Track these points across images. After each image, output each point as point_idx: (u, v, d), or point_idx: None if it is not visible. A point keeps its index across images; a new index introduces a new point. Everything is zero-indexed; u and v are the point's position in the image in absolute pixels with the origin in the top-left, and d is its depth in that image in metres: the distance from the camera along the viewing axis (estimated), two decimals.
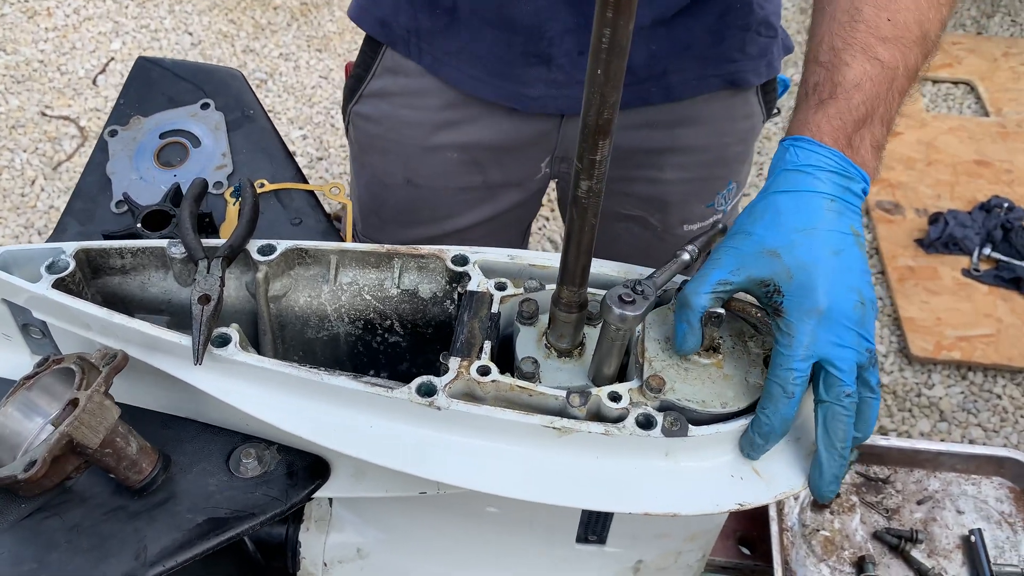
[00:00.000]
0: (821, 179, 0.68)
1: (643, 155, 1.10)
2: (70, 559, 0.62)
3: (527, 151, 1.11)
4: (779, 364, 0.63)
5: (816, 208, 0.66)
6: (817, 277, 0.64)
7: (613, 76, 0.52)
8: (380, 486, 0.73)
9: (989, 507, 1.07)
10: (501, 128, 1.08)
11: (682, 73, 1.02)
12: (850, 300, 0.64)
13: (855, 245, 0.66)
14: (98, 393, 0.64)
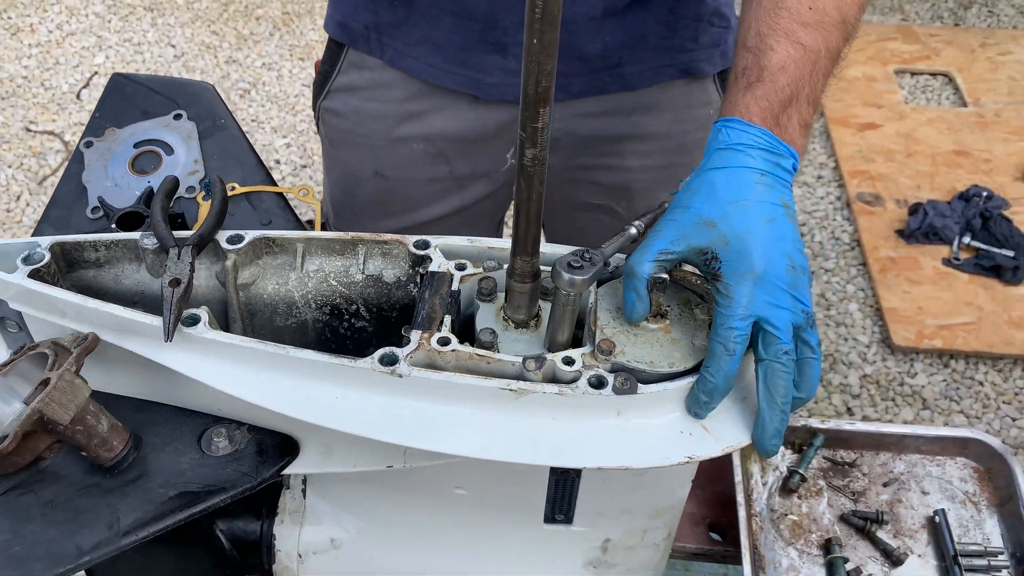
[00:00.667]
0: (752, 156, 0.72)
1: (604, 142, 1.14)
2: (45, 531, 0.64)
3: (491, 142, 1.15)
4: (720, 324, 0.67)
5: (748, 182, 0.71)
6: (751, 244, 0.68)
7: (548, 45, 0.55)
8: (348, 461, 0.75)
9: (953, 487, 1.09)
10: (464, 118, 1.11)
11: (637, 64, 1.07)
12: (782, 264, 0.68)
13: (786, 216, 0.70)
14: (69, 372, 0.66)
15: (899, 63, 3.20)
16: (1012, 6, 3.52)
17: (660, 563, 0.94)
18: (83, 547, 0.63)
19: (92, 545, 0.64)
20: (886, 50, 3.26)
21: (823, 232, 2.63)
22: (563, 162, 1.15)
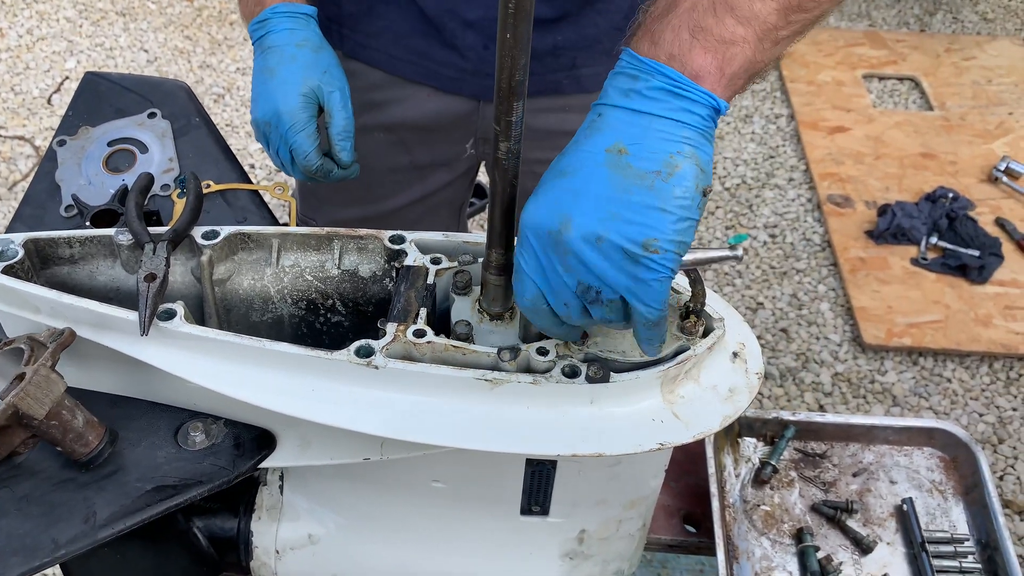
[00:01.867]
0: (605, 91, 0.65)
1: (561, 136, 1.16)
2: (20, 525, 0.64)
3: (451, 132, 1.17)
4: None
5: (584, 127, 0.65)
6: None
7: (521, 39, 0.57)
8: (325, 454, 0.76)
9: (921, 476, 1.12)
10: (424, 108, 1.13)
11: (592, 67, 1.09)
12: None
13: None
14: (44, 367, 0.66)
15: (867, 68, 3.26)
16: (976, 12, 3.60)
17: (635, 553, 0.95)
18: (59, 540, 0.63)
19: (68, 539, 0.64)
20: (854, 55, 3.32)
21: (795, 233, 2.67)
22: (522, 155, 1.17)
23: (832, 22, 3.57)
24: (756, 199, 2.79)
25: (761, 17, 0.63)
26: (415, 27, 1.07)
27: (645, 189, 0.58)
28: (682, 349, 0.71)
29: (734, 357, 0.75)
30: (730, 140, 3.01)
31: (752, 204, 2.77)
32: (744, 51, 0.62)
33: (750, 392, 0.73)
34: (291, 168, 0.96)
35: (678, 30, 0.62)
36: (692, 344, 0.71)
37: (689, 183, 0.59)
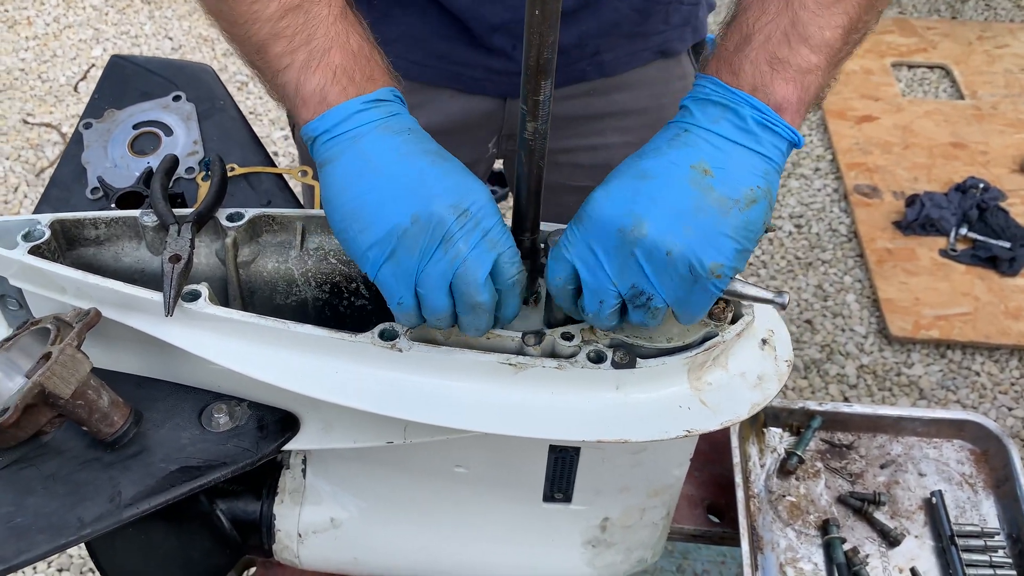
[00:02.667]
0: (683, 111, 0.70)
1: (584, 122, 1.15)
2: (47, 503, 0.64)
3: (475, 132, 1.15)
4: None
5: (662, 141, 0.69)
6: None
7: (550, 15, 0.56)
8: (348, 437, 0.76)
9: (950, 469, 1.10)
10: (448, 111, 1.11)
11: (613, 51, 1.07)
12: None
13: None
14: (70, 346, 0.67)
15: (896, 56, 3.21)
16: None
17: (659, 542, 0.95)
18: (84, 519, 0.63)
19: (94, 517, 0.64)
20: (883, 43, 3.26)
21: (820, 224, 2.64)
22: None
23: None
24: (781, 189, 2.76)
25: (831, 43, 0.65)
26: (435, 30, 1.05)
27: (722, 215, 0.60)
28: (710, 335, 0.70)
29: (763, 344, 0.74)
30: None
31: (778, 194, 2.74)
32: (817, 79, 0.66)
33: (779, 379, 0.72)
34: (481, 288, 0.63)
35: (757, 63, 0.64)
36: (720, 330, 0.70)
37: (761, 218, 0.62)
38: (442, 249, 0.61)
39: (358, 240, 0.63)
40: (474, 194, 0.63)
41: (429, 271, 0.62)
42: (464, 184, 0.63)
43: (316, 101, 0.65)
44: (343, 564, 0.93)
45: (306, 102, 0.65)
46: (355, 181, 0.63)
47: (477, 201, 0.63)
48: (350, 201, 0.63)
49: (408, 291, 0.63)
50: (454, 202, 0.62)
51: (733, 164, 0.62)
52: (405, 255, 0.62)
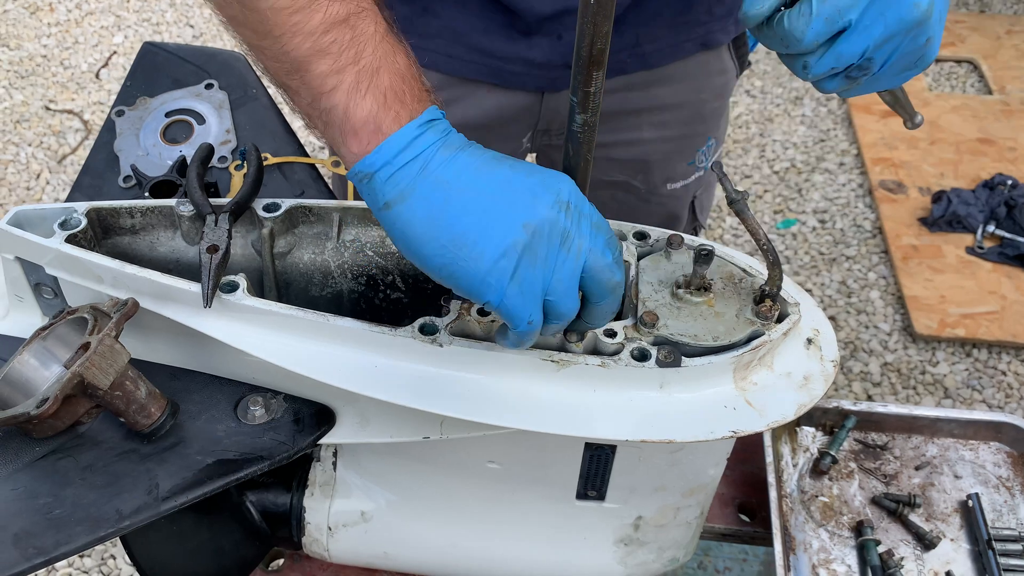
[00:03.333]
0: None
1: (622, 116, 1.13)
2: (85, 494, 0.64)
3: (509, 127, 1.14)
4: (795, 18, 0.60)
5: None
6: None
7: (605, 5, 0.54)
8: (384, 431, 0.75)
9: (987, 472, 1.08)
10: (484, 106, 1.10)
11: (655, 43, 1.05)
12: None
13: None
14: (109, 337, 0.66)
15: None
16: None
17: (691, 542, 0.93)
18: (123, 511, 0.63)
19: (132, 510, 0.63)
20: None
21: (845, 219, 2.61)
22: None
23: None
24: (805, 183, 2.73)
25: None
26: (476, 23, 1.04)
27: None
28: (756, 334, 0.69)
29: (808, 344, 0.73)
30: (779, 123, 2.94)
31: (801, 188, 2.71)
32: None
33: (825, 380, 0.70)
34: (615, 269, 0.62)
35: None
36: (767, 329, 0.69)
37: None
38: (565, 249, 0.59)
39: (471, 270, 0.57)
40: (561, 182, 0.60)
41: (560, 275, 0.59)
42: (548, 177, 0.60)
43: (370, 131, 0.57)
44: (373, 558, 0.93)
45: (357, 132, 0.58)
46: (443, 210, 0.57)
47: (566, 189, 0.60)
48: (445, 232, 0.57)
49: (537, 307, 0.59)
50: (554, 199, 0.59)
51: None
52: (528, 269, 0.58)
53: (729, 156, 2.83)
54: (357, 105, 0.57)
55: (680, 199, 1.27)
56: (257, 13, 0.57)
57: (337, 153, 0.60)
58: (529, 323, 0.59)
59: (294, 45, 0.57)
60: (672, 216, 1.29)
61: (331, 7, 0.57)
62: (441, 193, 0.57)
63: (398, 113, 0.58)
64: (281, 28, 0.57)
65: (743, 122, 2.95)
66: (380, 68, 0.58)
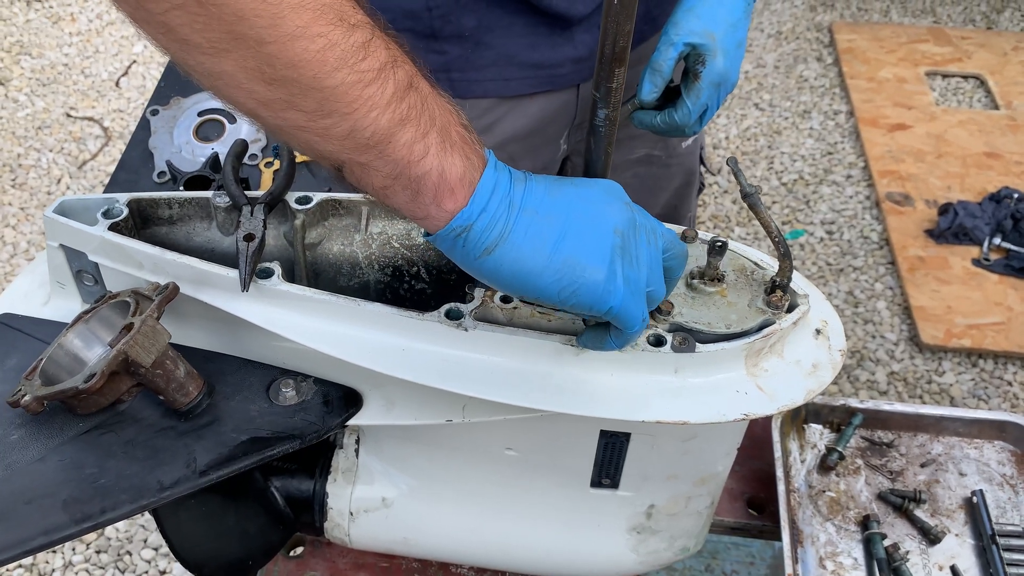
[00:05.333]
0: None
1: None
2: (127, 466, 0.67)
3: (550, 129, 1.17)
4: (683, 114, 0.93)
5: (740, 6, 0.95)
6: (729, 62, 0.93)
7: (627, 5, 0.58)
8: (410, 414, 0.78)
9: (991, 469, 1.11)
10: (529, 113, 1.13)
11: (661, 6, 1.10)
12: (736, 76, 0.95)
13: (744, 42, 0.97)
14: (151, 318, 0.69)
15: (930, 65, 3.20)
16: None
17: (702, 532, 0.96)
18: (164, 482, 0.66)
19: (172, 481, 0.66)
20: (917, 52, 3.26)
21: (852, 231, 2.64)
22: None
23: (895, 18, 3.51)
24: (813, 195, 2.76)
25: None
26: (523, 43, 1.07)
27: None
28: (767, 323, 0.72)
29: (817, 334, 0.76)
30: (787, 135, 2.98)
31: (809, 200, 2.74)
32: None
33: (833, 368, 0.73)
34: (682, 243, 0.68)
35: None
36: (777, 318, 0.72)
37: None
38: (647, 242, 0.63)
39: (589, 285, 0.59)
40: (612, 184, 0.64)
41: (654, 266, 0.63)
42: (604, 184, 0.64)
43: (466, 186, 0.57)
44: (393, 543, 0.95)
45: (454, 190, 0.57)
46: (545, 239, 0.58)
47: (617, 186, 0.64)
48: (555, 259, 0.58)
49: (644, 303, 0.62)
50: (621, 201, 0.62)
51: None
52: (631, 270, 0.61)
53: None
54: (451, 164, 0.57)
55: (693, 154, 1.32)
56: (319, 92, 0.51)
57: (421, 216, 0.59)
58: (643, 320, 0.62)
59: (371, 119, 0.53)
60: (690, 172, 1.33)
61: (397, 74, 0.54)
62: (536, 223, 0.59)
63: (477, 162, 0.59)
64: (352, 104, 0.52)
65: (752, 134, 2.99)
66: (449, 124, 0.58)
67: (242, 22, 0.48)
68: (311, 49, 0.50)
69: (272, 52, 0.49)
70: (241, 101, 0.54)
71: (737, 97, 3.14)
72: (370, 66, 0.52)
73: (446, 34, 1.06)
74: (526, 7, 1.04)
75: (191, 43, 0.50)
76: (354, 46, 0.51)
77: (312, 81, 0.51)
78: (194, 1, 0.47)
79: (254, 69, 0.50)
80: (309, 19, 0.49)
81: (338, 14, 0.51)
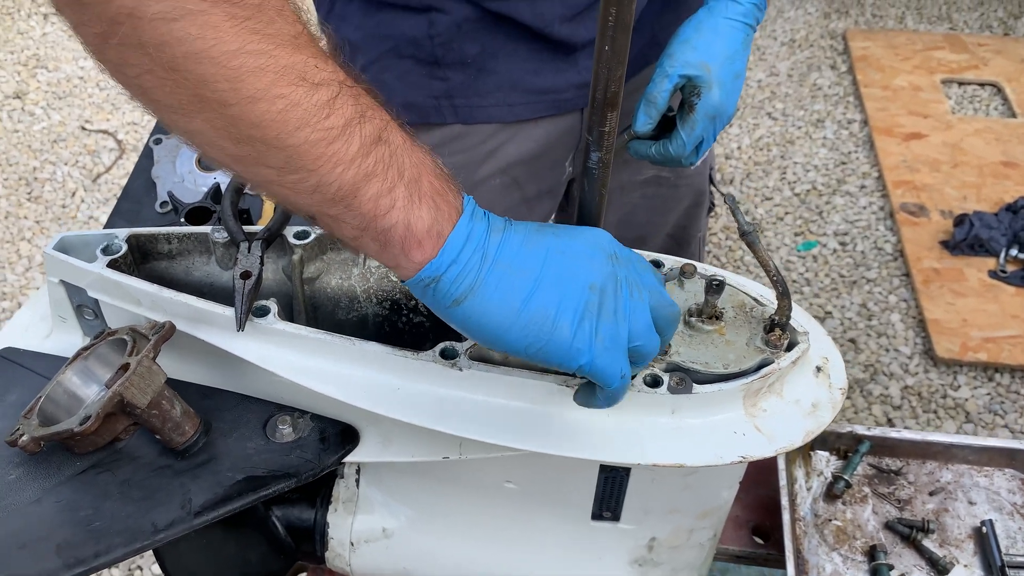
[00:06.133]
0: (747, 8, 0.95)
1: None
2: (122, 507, 0.67)
3: (556, 153, 1.17)
4: (677, 145, 0.95)
5: (738, 39, 0.96)
6: (725, 95, 0.94)
7: (619, 51, 0.57)
8: (406, 451, 0.78)
9: (1001, 498, 1.09)
10: (534, 137, 1.13)
11: (667, 30, 1.09)
12: (733, 109, 0.96)
13: (744, 74, 0.97)
14: (147, 358, 0.70)
15: (946, 72, 3.17)
16: None
17: (705, 564, 0.95)
18: (158, 524, 0.66)
19: (167, 523, 0.67)
20: (933, 59, 3.23)
21: (865, 242, 2.61)
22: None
23: (910, 24, 3.48)
24: (826, 206, 2.74)
25: None
26: (527, 69, 1.07)
27: None
28: (766, 362, 0.71)
29: (817, 371, 0.75)
30: (801, 145, 2.96)
31: (822, 211, 2.72)
32: None
33: (833, 407, 0.72)
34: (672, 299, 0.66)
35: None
36: (776, 357, 0.71)
37: None
38: (631, 295, 0.61)
39: (556, 342, 0.59)
40: (599, 235, 0.63)
41: (638, 319, 0.61)
42: (589, 235, 0.63)
43: (433, 237, 0.57)
44: (393, 573, 0.95)
45: (422, 242, 0.57)
46: (514, 293, 0.58)
47: (605, 237, 0.63)
48: (524, 313, 0.58)
49: (626, 359, 0.61)
50: (604, 254, 0.61)
51: None
52: (609, 325, 0.60)
53: (750, 178, 2.85)
54: (417, 217, 0.57)
55: (702, 174, 1.31)
56: (283, 150, 0.53)
57: (392, 266, 0.59)
58: (622, 377, 0.61)
59: (336, 175, 0.54)
60: (699, 193, 1.33)
61: (364, 128, 0.55)
62: (507, 277, 0.58)
63: (449, 213, 0.58)
64: (318, 161, 0.54)
65: (764, 144, 2.97)
66: (420, 175, 0.58)
67: (205, 86, 0.50)
68: (272, 110, 0.51)
69: (235, 114, 0.51)
70: (216, 157, 0.55)
71: (750, 106, 3.12)
72: (334, 123, 0.53)
73: (449, 61, 1.06)
74: (529, 34, 1.04)
75: (165, 104, 0.52)
76: (317, 104, 0.52)
77: (275, 140, 0.52)
78: (161, 67, 0.49)
79: (222, 129, 0.52)
80: (269, 81, 0.50)
81: (300, 74, 0.52)
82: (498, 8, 1.00)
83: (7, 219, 2.71)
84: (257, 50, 0.50)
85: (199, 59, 0.49)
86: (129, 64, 0.50)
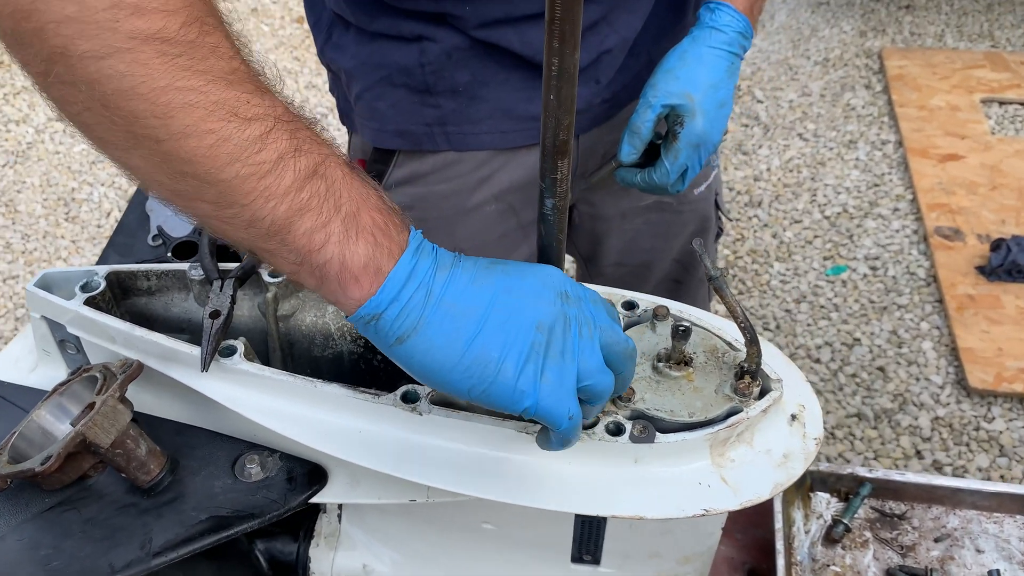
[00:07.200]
0: (732, 39, 0.96)
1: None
2: (82, 547, 0.68)
3: None
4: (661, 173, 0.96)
5: (722, 68, 0.96)
6: (709, 125, 0.94)
7: (564, 101, 0.56)
8: (374, 493, 0.77)
9: (1011, 547, 1.04)
10: (527, 164, 1.12)
11: (662, 55, 1.07)
12: (718, 138, 0.97)
13: (730, 105, 0.98)
14: (112, 398, 0.70)
15: (986, 92, 3.08)
16: None
17: None
18: (115, 565, 0.67)
19: (124, 564, 0.67)
20: (972, 78, 3.14)
21: (897, 267, 2.54)
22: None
23: (950, 42, 3.39)
24: (857, 229, 2.68)
25: None
26: (520, 96, 1.07)
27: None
28: (735, 411, 0.69)
29: (792, 420, 0.72)
30: (832, 166, 2.90)
31: (853, 234, 2.66)
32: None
33: (806, 459, 0.70)
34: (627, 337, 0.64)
35: (756, 8, 1.04)
36: (745, 406, 0.69)
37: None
38: (580, 334, 0.59)
39: (500, 384, 0.57)
40: (552, 274, 0.62)
41: (588, 359, 0.59)
42: (540, 273, 0.62)
43: (370, 273, 0.56)
44: None
45: (358, 278, 0.56)
46: (458, 333, 0.56)
47: (559, 278, 0.62)
48: (467, 355, 0.57)
49: (574, 399, 0.59)
50: (553, 293, 0.60)
51: None
52: (555, 366, 0.58)
53: (779, 200, 2.80)
54: (353, 252, 0.56)
55: (707, 200, 1.29)
56: (216, 185, 0.53)
57: (332, 301, 0.58)
58: (570, 418, 0.59)
59: (268, 209, 0.54)
60: (704, 218, 1.31)
61: (298, 163, 0.54)
62: (451, 316, 0.57)
63: (390, 249, 0.57)
64: (251, 195, 0.53)
65: (794, 165, 2.92)
66: (360, 209, 0.57)
67: (137, 122, 0.51)
68: (203, 145, 0.52)
69: (167, 150, 0.52)
70: (157, 192, 0.57)
71: (780, 127, 3.08)
72: (266, 157, 0.53)
73: (440, 89, 1.06)
74: (520, 62, 1.03)
75: (105, 140, 0.54)
76: (249, 139, 0.52)
77: (207, 175, 0.53)
78: (97, 103, 0.51)
79: (157, 165, 0.53)
80: (199, 117, 0.51)
81: (231, 110, 0.52)
82: (487, 37, 1.00)
83: (45, 238, 2.79)
84: (187, 86, 0.51)
85: (128, 96, 0.50)
86: (69, 102, 0.52)
